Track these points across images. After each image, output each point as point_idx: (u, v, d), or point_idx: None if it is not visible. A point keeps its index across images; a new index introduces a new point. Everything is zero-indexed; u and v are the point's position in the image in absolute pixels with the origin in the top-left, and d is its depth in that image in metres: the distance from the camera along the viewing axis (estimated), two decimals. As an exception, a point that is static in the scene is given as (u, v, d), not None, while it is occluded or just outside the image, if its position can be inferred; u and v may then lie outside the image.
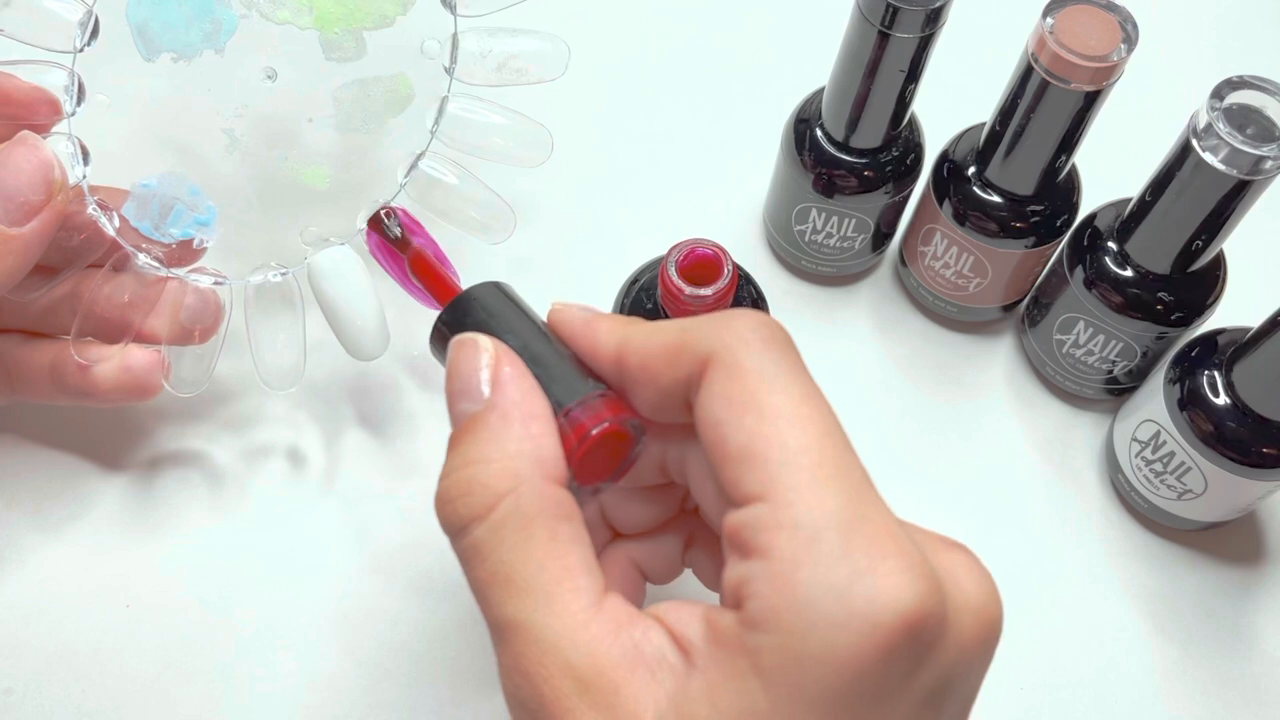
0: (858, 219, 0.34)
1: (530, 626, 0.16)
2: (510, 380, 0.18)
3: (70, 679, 0.28)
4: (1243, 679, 0.30)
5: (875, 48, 0.29)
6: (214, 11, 0.26)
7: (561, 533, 0.17)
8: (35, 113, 0.25)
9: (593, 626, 0.16)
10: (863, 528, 0.16)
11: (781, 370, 0.17)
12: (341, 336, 0.29)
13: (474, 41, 0.29)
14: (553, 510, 0.17)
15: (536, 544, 0.17)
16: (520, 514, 0.17)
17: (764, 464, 0.16)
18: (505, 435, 0.18)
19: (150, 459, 0.32)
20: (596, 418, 0.18)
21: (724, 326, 0.18)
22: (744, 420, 0.17)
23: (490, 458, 0.18)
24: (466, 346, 0.19)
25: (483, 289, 0.21)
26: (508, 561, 0.17)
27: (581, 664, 0.16)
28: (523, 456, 0.18)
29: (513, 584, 0.17)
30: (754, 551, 0.16)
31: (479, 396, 0.18)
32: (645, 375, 0.19)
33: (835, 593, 0.15)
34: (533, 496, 0.17)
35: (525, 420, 0.18)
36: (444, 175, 0.30)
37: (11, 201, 0.24)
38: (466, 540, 0.18)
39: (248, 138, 0.29)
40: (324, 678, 0.29)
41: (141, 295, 0.28)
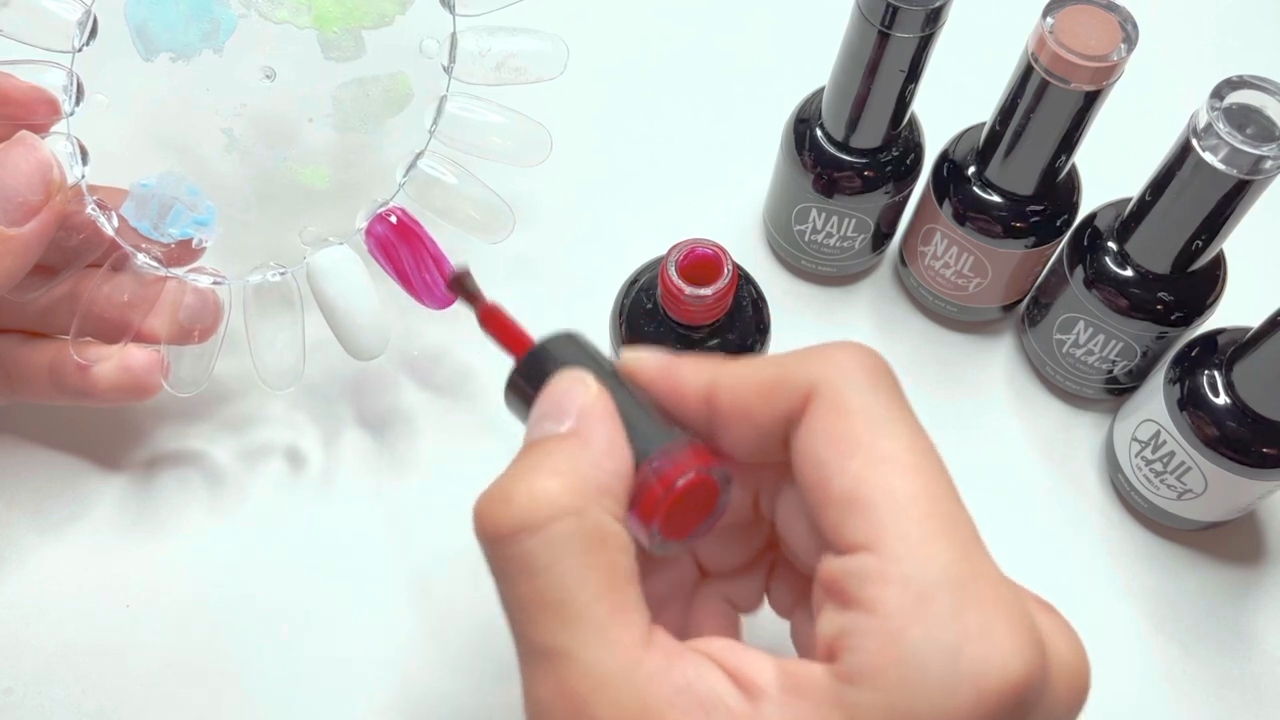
0: (858, 219, 0.34)
1: (581, 659, 0.16)
2: (603, 417, 0.17)
3: (70, 679, 0.28)
4: (1243, 678, 0.30)
5: (875, 48, 0.29)
6: (212, 11, 0.26)
7: (620, 564, 0.16)
8: (34, 112, 0.25)
9: (645, 665, 0.16)
10: (974, 587, 0.15)
11: (889, 410, 0.17)
12: (340, 336, 0.29)
13: (473, 41, 0.29)
14: (614, 541, 0.16)
15: (596, 570, 0.16)
16: (584, 536, 0.16)
17: (871, 511, 0.16)
18: (581, 457, 0.17)
19: (150, 459, 0.32)
20: (680, 467, 0.17)
21: (827, 360, 0.17)
22: (850, 463, 0.16)
23: (562, 471, 0.17)
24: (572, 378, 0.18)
25: (556, 340, 0.20)
26: (563, 584, 0.16)
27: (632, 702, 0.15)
28: (595, 482, 0.17)
29: (565, 609, 0.16)
30: (857, 604, 0.15)
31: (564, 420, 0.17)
32: (739, 414, 0.18)
33: (946, 654, 0.15)
34: (597, 522, 0.16)
35: (607, 452, 0.17)
36: (443, 174, 0.30)
37: (10, 202, 0.24)
38: (514, 549, 0.16)
39: (246, 137, 0.29)
40: (324, 677, 0.29)
41: (140, 295, 0.28)
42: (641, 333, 0.28)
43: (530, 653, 0.16)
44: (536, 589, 0.16)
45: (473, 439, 0.33)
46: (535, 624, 0.16)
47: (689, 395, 0.18)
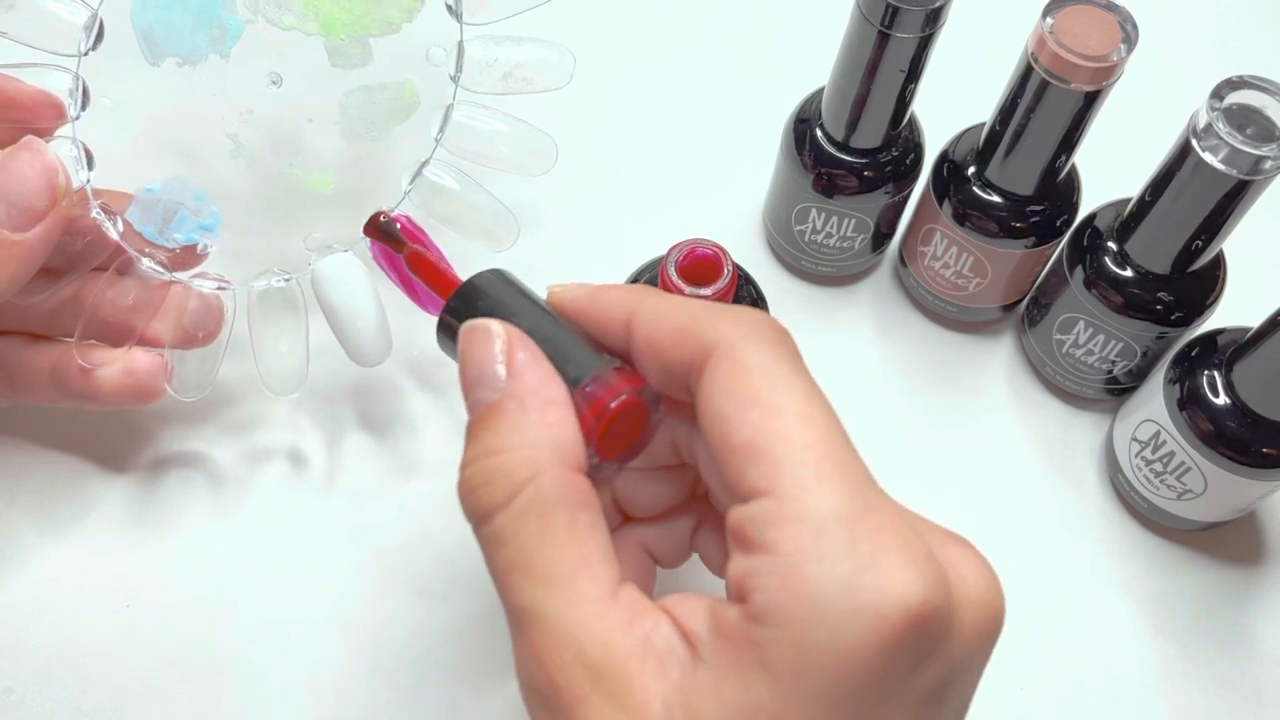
0: (857, 219, 0.34)
1: (547, 614, 0.17)
2: (526, 366, 0.18)
3: (70, 679, 0.28)
4: (1242, 679, 0.31)
5: (875, 48, 0.29)
6: (219, 17, 0.27)
7: (580, 521, 0.17)
8: (39, 116, 0.26)
9: (608, 616, 0.16)
10: (868, 521, 0.16)
11: (785, 369, 0.17)
12: (344, 342, 0.29)
13: (479, 50, 0.29)
14: (572, 498, 0.17)
15: (556, 532, 0.17)
16: (540, 502, 0.17)
17: (769, 459, 0.16)
18: (524, 423, 0.18)
19: (152, 461, 0.32)
20: (613, 391, 0.18)
21: (731, 319, 0.18)
22: (748, 415, 0.17)
23: (510, 446, 0.18)
24: (479, 333, 0.19)
25: (484, 276, 0.21)
26: (527, 548, 0.17)
27: (595, 653, 0.16)
28: (542, 445, 0.18)
29: (531, 571, 0.17)
30: (758, 546, 0.16)
31: (495, 384, 0.18)
32: (650, 351, 0.19)
33: (841, 586, 0.15)
34: (552, 484, 0.17)
35: (543, 407, 0.18)
36: (448, 182, 0.30)
37: (15, 207, 0.24)
38: (488, 528, 0.18)
39: (252, 143, 0.29)
40: (325, 678, 0.29)
41: (145, 299, 0.28)
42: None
43: (510, 615, 0.17)
44: (509, 556, 0.17)
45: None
46: (509, 588, 0.17)
47: (611, 324, 0.19)
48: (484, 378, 0.18)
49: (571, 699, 0.16)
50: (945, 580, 0.16)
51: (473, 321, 0.19)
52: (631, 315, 0.19)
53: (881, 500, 0.17)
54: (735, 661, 0.16)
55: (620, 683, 0.16)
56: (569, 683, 0.16)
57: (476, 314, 0.20)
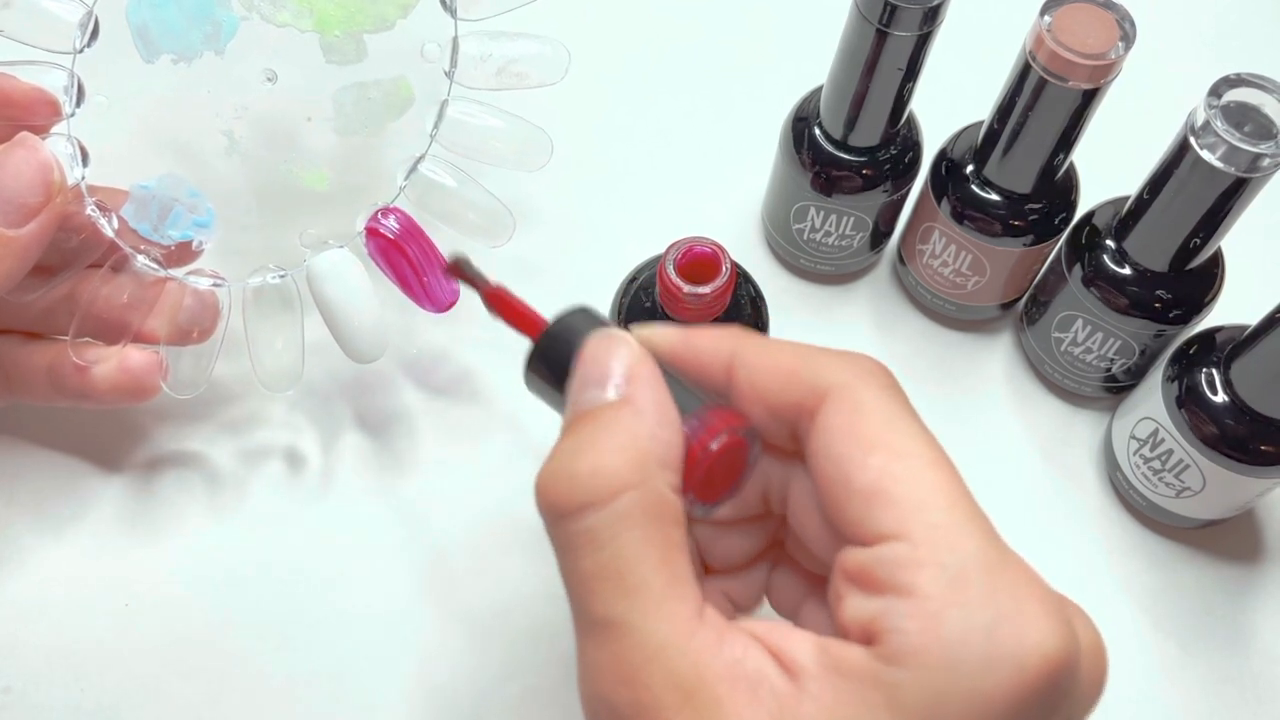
0: (856, 217, 0.34)
1: (638, 628, 0.16)
2: (649, 380, 0.18)
3: (70, 679, 0.28)
4: (1241, 676, 0.31)
5: (873, 46, 0.29)
6: (214, 13, 0.26)
7: (675, 538, 0.17)
8: (35, 113, 0.26)
9: (698, 636, 0.16)
10: (1006, 571, 0.16)
11: (905, 413, 0.17)
12: (340, 339, 0.29)
13: (474, 45, 0.29)
14: (672, 514, 0.17)
15: (655, 544, 0.16)
16: (645, 510, 0.16)
17: (897, 503, 0.16)
18: (638, 429, 0.17)
19: (148, 460, 0.32)
20: (714, 430, 0.18)
21: (844, 362, 0.18)
22: (871, 458, 0.16)
23: (621, 446, 0.17)
24: (613, 338, 0.18)
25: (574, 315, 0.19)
26: (624, 556, 0.16)
27: (686, 673, 0.16)
28: (653, 452, 0.17)
29: (625, 581, 0.16)
30: (891, 589, 0.16)
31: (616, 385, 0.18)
32: (755, 394, 0.18)
33: (983, 634, 0.15)
34: (658, 495, 0.17)
35: (659, 419, 0.17)
36: (443, 178, 0.30)
37: (10, 203, 0.24)
38: (579, 525, 0.16)
39: (247, 140, 0.29)
40: (323, 677, 0.29)
41: (140, 296, 0.28)
42: (640, 332, 0.28)
43: (589, 624, 0.17)
44: (599, 562, 0.16)
45: (472, 439, 0.33)
46: (596, 595, 0.16)
47: (709, 367, 0.19)
48: (605, 378, 0.18)
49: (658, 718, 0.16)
50: (1074, 633, 0.16)
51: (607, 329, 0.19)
52: (733, 357, 0.19)
53: (1011, 551, 0.16)
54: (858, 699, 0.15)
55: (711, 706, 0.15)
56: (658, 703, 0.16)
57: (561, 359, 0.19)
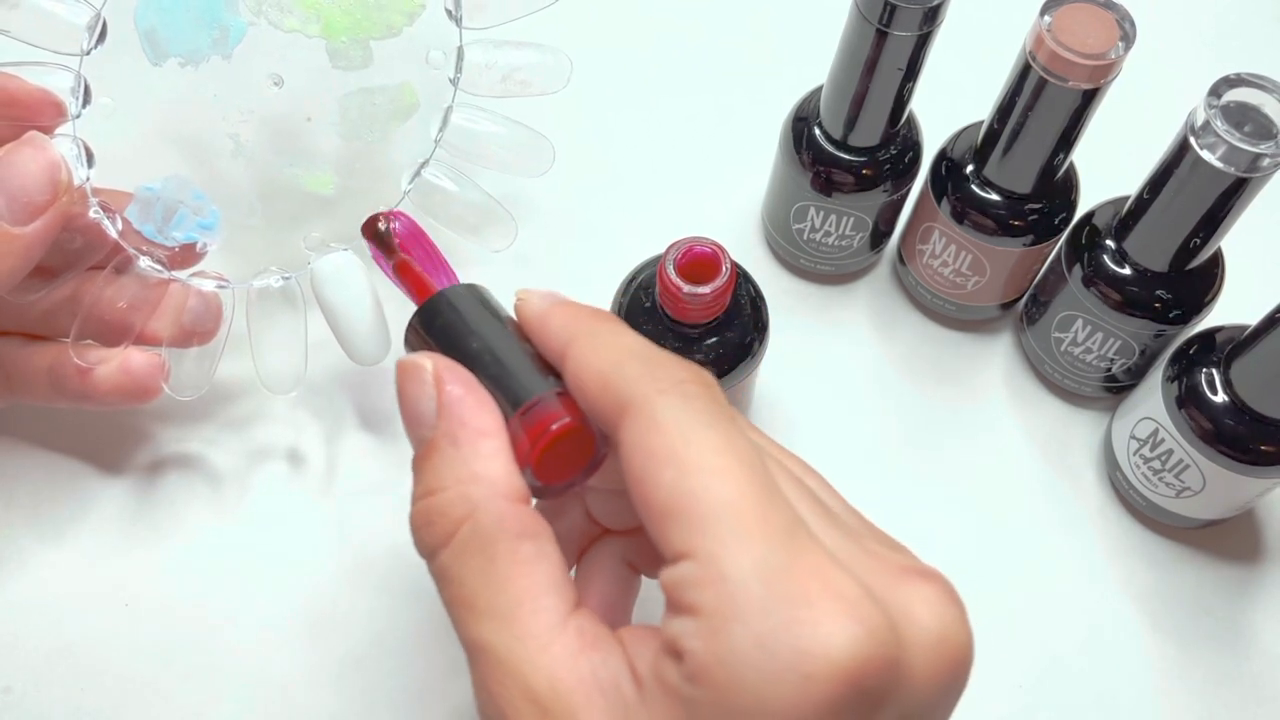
0: (856, 217, 0.34)
1: (493, 648, 0.17)
2: (456, 401, 0.18)
3: (70, 679, 0.28)
4: (1241, 676, 0.31)
5: (873, 46, 0.29)
6: (222, 17, 0.27)
7: (522, 552, 0.17)
8: (41, 114, 0.26)
9: (553, 649, 0.16)
10: (791, 573, 0.15)
11: (701, 420, 0.17)
12: (343, 341, 0.29)
13: (479, 53, 0.29)
14: (513, 530, 0.17)
15: (497, 566, 0.17)
16: (479, 538, 0.17)
17: (687, 519, 0.16)
18: (456, 459, 0.18)
19: (150, 461, 0.32)
20: (550, 416, 0.18)
21: (649, 374, 0.17)
22: (663, 475, 0.16)
23: (445, 484, 0.18)
24: (408, 370, 0.19)
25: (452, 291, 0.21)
26: (470, 585, 0.17)
27: (540, 687, 0.16)
28: (477, 480, 0.18)
29: (475, 607, 0.17)
30: (684, 609, 0.16)
31: (428, 421, 0.19)
32: (578, 390, 0.18)
33: (761, 646, 0.15)
34: (490, 519, 0.17)
35: (474, 440, 0.18)
36: (446, 183, 0.30)
37: (16, 201, 0.24)
38: (434, 565, 0.18)
39: (253, 143, 0.30)
40: (324, 677, 0.29)
41: (143, 298, 0.28)
42: (640, 330, 0.28)
43: (465, 649, 0.18)
44: (454, 592, 0.18)
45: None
46: (458, 622, 0.18)
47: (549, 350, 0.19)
48: (418, 415, 0.19)
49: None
50: (888, 626, 0.15)
51: (402, 359, 0.19)
52: (566, 349, 0.19)
53: (808, 547, 0.16)
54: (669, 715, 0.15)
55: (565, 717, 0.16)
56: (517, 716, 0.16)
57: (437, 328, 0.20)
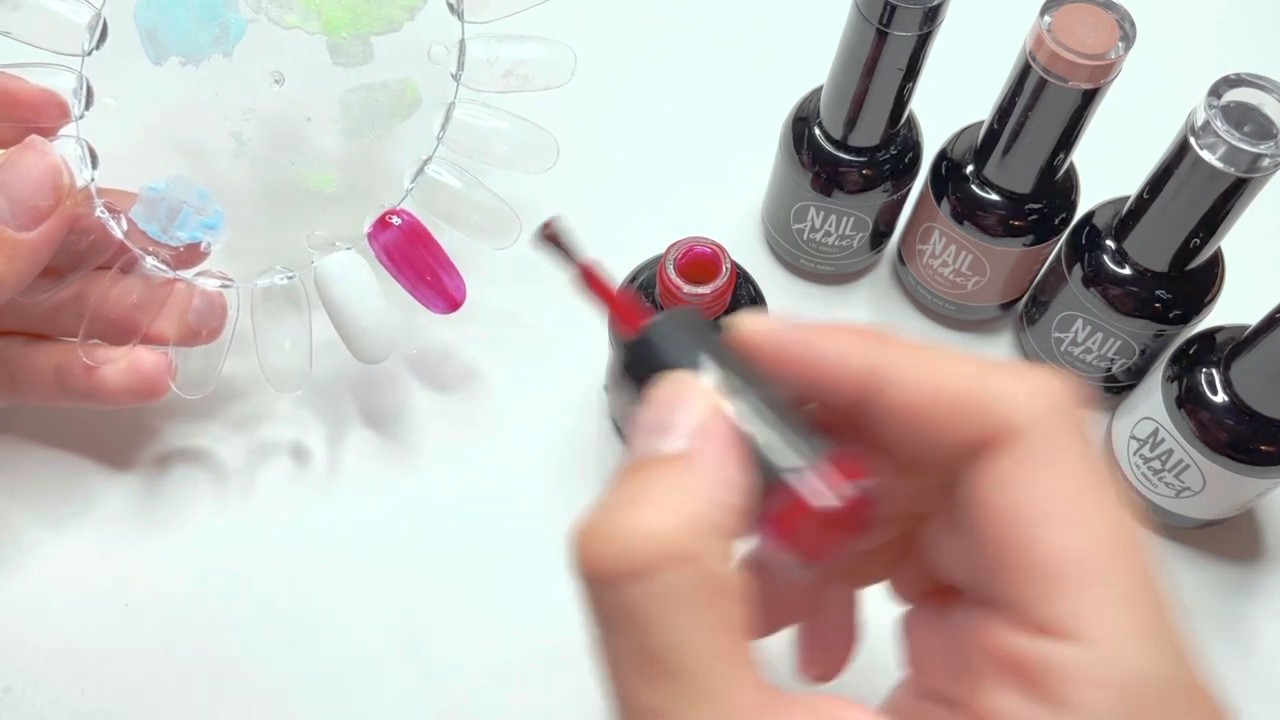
0: (856, 217, 0.34)
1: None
2: (718, 439, 0.15)
3: (70, 678, 0.28)
4: (1241, 677, 0.31)
5: (873, 46, 0.29)
6: (222, 16, 0.27)
7: (734, 617, 0.14)
8: (44, 115, 0.26)
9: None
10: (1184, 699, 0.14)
11: (1094, 468, 0.14)
12: (347, 340, 0.30)
13: (481, 48, 0.29)
14: (730, 590, 0.14)
15: (708, 628, 0.14)
16: (697, 588, 0.14)
17: (1080, 595, 0.14)
18: (695, 490, 0.14)
19: (154, 458, 0.32)
20: (823, 490, 0.15)
21: (1033, 391, 0.15)
22: (1059, 531, 0.14)
23: (676, 509, 0.14)
24: (683, 385, 0.16)
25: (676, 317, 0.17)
26: (672, 643, 0.14)
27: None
28: (709, 520, 0.14)
29: (673, 672, 0.14)
30: (1054, 700, 0.14)
31: (679, 437, 0.15)
32: (906, 425, 0.15)
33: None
34: (713, 569, 0.14)
35: (722, 482, 0.15)
36: (450, 180, 0.30)
37: (20, 206, 0.24)
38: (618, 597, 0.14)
39: (255, 141, 0.30)
40: (325, 677, 0.29)
41: (149, 297, 0.28)
42: (641, 331, 0.29)
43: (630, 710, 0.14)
44: (643, 645, 0.14)
45: (477, 436, 0.33)
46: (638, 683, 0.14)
47: (834, 383, 0.16)
48: (665, 426, 0.15)
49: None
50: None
51: (682, 374, 0.16)
52: (872, 374, 0.15)
53: (1194, 668, 0.14)
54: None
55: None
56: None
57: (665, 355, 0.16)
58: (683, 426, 0.15)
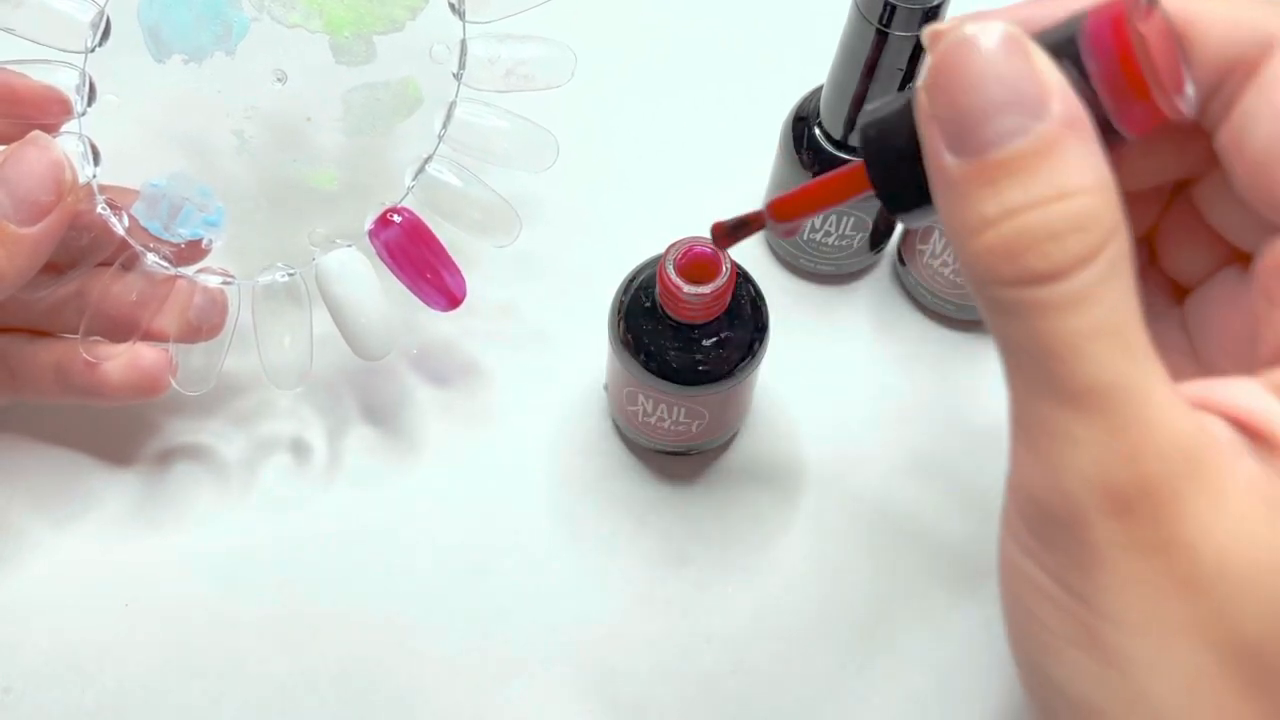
0: (856, 217, 0.34)
1: (1139, 389, 0.13)
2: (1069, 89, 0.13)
3: (70, 678, 0.28)
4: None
5: (873, 46, 0.29)
6: (225, 14, 0.27)
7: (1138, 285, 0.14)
8: (46, 112, 0.26)
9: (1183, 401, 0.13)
10: None
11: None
12: (348, 337, 0.30)
13: (482, 48, 0.29)
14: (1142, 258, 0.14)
15: (1137, 295, 0.13)
16: (1126, 255, 0.13)
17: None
18: (1096, 159, 0.13)
19: (154, 455, 0.32)
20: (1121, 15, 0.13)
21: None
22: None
23: (1092, 186, 0.13)
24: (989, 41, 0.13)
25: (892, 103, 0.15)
26: (1122, 310, 0.13)
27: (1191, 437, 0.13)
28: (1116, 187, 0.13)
29: (1123, 338, 0.13)
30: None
31: (1041, 109, 0.13)
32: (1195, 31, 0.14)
33: None
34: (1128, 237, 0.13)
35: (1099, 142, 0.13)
36: (450, 178, 0.30)
37: (22, 201, 0.24)
38: (1063, 287, 0.13)
39: (257, 139, 0.30)
40: (326, 676, 0.29)
41: (150, 294, 0.28)
42: (640, 330, 0.29)
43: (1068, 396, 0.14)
44: (1097, 320, 0.13)
45: (477, 433, 0.33)
46: (1085, 358, 0.13)
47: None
48: (1021, 100, 0.13)
49: (1167, 493, 0.13)
50: None
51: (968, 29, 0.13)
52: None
53: None
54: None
55: (1214, 473, 0.13)
56: (1169, 473, 0.13)
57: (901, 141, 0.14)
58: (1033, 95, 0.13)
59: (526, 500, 0.32)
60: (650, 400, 0.29)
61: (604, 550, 0.31)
